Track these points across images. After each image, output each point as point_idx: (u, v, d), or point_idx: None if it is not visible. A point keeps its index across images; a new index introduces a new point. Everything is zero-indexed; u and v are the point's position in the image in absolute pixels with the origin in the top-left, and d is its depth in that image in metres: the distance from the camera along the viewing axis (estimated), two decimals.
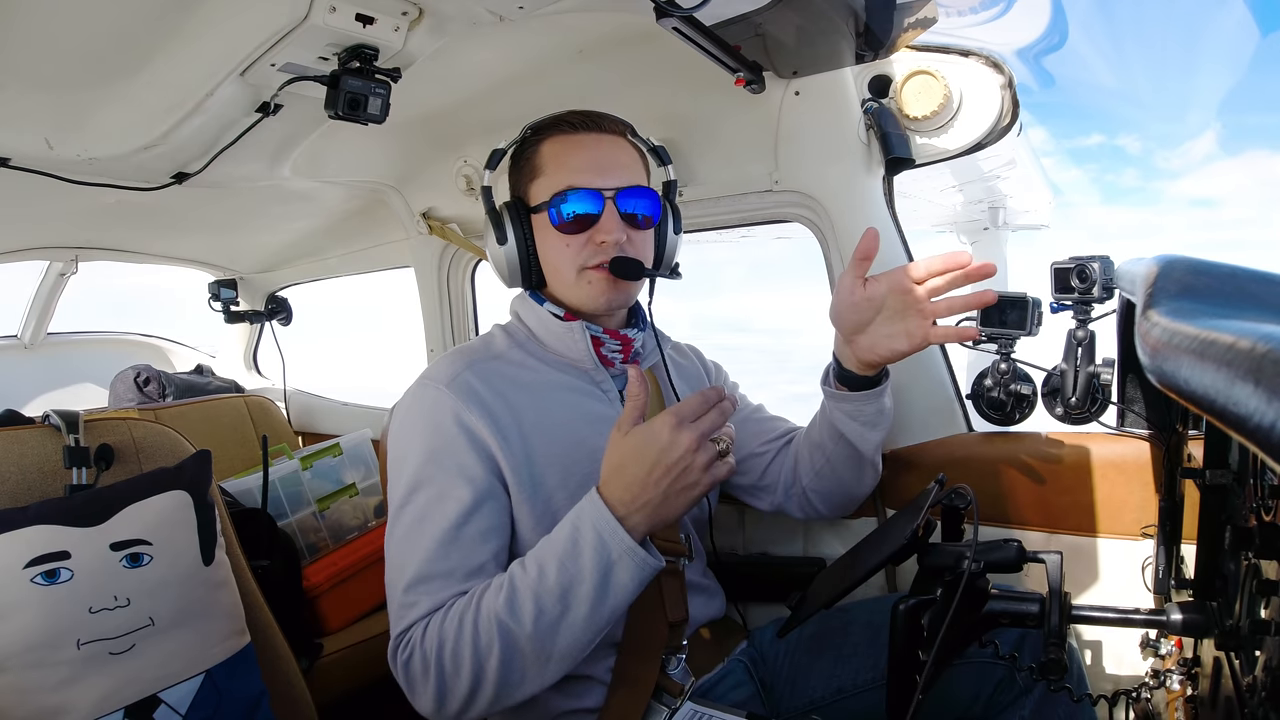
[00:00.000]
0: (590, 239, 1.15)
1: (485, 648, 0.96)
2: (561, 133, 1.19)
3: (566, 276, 1.18)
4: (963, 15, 1.49)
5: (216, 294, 3.06)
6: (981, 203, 5.95)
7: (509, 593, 0.97)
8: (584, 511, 0.97)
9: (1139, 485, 1.37)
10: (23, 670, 0.99)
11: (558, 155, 1.18)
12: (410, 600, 1.04)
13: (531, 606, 0.95)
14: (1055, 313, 1.39)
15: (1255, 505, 0.73)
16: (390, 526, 1.11)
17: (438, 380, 1.13)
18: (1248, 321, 0.37)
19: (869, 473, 1.36)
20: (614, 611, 0.97)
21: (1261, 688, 0.65)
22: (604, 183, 1.15)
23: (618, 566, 0.94)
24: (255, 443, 2.61)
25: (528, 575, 0.97)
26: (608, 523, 0.94)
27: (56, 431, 1.17)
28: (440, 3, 1.21)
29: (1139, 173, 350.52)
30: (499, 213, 1.21)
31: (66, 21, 1.22)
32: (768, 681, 1.31)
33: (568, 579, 0.95)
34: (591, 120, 1.19)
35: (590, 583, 0.94)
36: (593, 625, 0.96)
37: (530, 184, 1.20)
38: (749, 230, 5.15)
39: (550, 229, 1.16)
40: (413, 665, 1.01)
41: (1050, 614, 0.87)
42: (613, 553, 0.94)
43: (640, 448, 0.94)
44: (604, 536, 0.94)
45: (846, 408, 1.26)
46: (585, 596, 0.94)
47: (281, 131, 1.63)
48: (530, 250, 1.20)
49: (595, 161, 1.17)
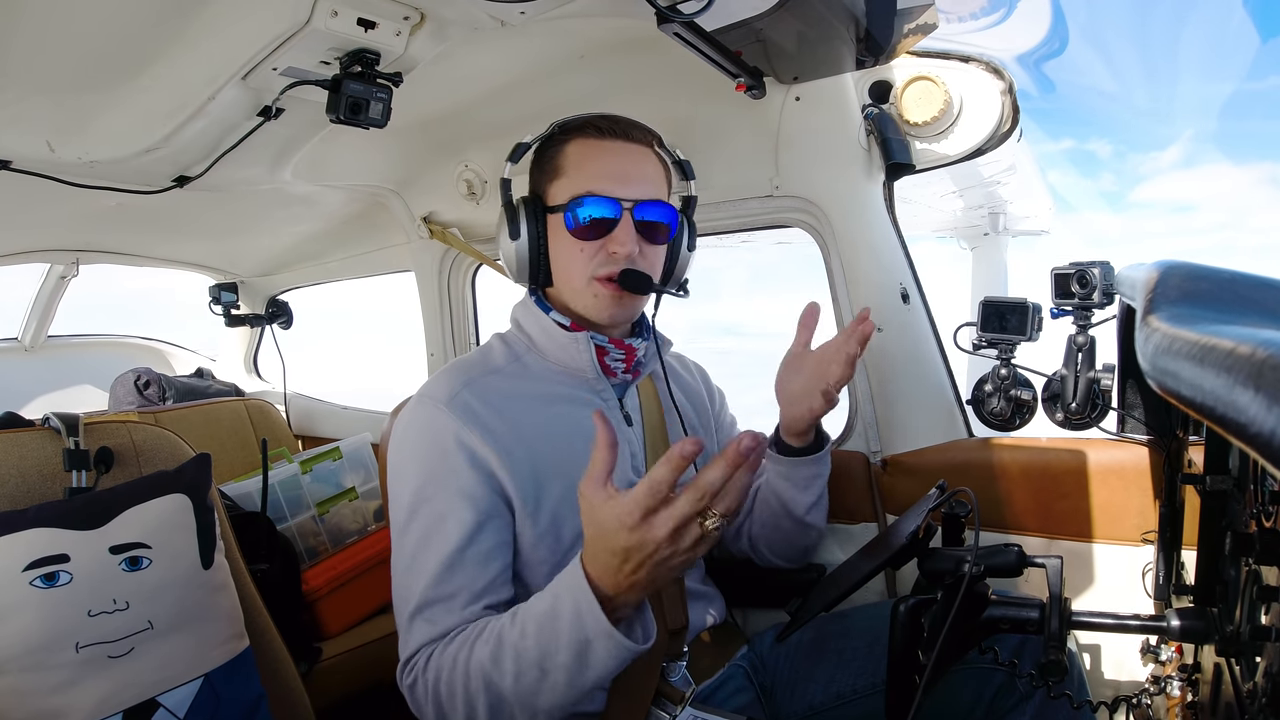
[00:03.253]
0: (603, 247, 1.14)
1: (475, 693, 0.95)
2: (588, 136, 1.17)
3: (576, 283, 1.17)
4: (963, 21, 1.50)
5: (217, 297, 3.07)
6: (981, 208, 5.95)
7: (495, 646, 0.94)
8: (564, 582, 0.89)
9: (1139, 491, 1.37)
10: (21, 673, 0.98)
11: (581, 158, 1.16)
12: (415, 626, 1.04)
13: (512, 665, 0.91)
14: (1055, 318, 1.39)
15: (1255, 511, 0.73)
16: (395, 547, 1.10)
17: (436, 399, 1.12)
18: (1248, 327, 0.37)
19: (811, 531, 1.39)
20: (596, 683, 0.90)
21: (1262, 694, 0.65)
22: (624, 192, 1.14)
23: (594, 644, 0.87)
24: (255, 446, 2.61)
25: (512, 632, 0.93)
26: (587, 601, 0.85)
27: (56, 434, 1.17)
28: (442, 7, 1.21)
29: (1114, 178, 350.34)
30: (515, 207, 1.19)
31: (68, 25, 1.22)
32: (767, 687, 1.31)
33: (545, 646, 0.89)
34: (620, 127, 1.17)
35: (567, 654, 0.88)
36: (573, 693, 0.90)
37: (550, 183, 1.18)
38: (749, 235, 5.15)
39: (565, 232, 1.15)
40: (417, 691, 1.03)
41: (1050, 619, 0.87)
42: (589, 631, 0.86)
43: (611, 534, 0.81)
44: (581, 613, 0.86)
45: (781, 469, 1.33)
46: (563, 666, 0.88)
47: (283, 135, 1.63)
48: (542, 249, 1.18)
49: (618, 170, 1.15)
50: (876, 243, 1.58)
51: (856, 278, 1.60)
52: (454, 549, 1.05)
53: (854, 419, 1.70)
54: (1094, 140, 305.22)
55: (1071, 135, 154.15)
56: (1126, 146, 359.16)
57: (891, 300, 1.58)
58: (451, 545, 1.05)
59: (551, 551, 1.12)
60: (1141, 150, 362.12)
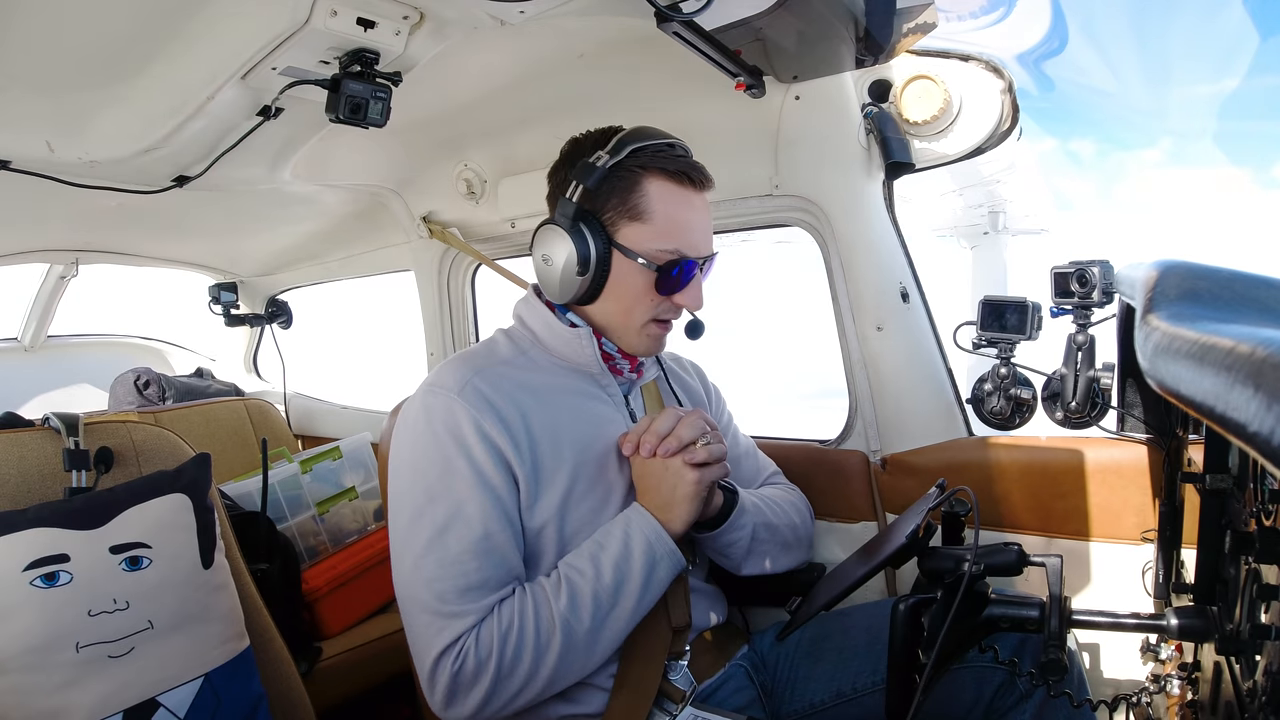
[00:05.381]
0: (673, 300, 1.18)
1: (545, 644, 1.04)
2: (675, 181, 1.15)
3: (633, 321, 1.19)
4: (963, 20, 1.50)
5: (217, 297, 3.07)
6: (981, 207, 5.96)
7: (569, 592, 1.07)
8: (633, 524, 1.12)
9: (1139, 490, 1.37)
10: (21, 673, 0.99)
11: (670, 209, 1.15)
12: (457, 611, 1.04)
13: (590, 603, 1.07)
14: (1055, 317, 1.39)
15: (1255, 510, 0.73)
16: (404, 537, 1.10)
17: (447, 388, 1.12)
18: (1247, 326, 0.37)
19: (780, 563, 1.36)
20: (650, 604, 1.12)
21: (1262, 692, 0.65)
22: (704, 252, 1.19)
23: (659, 565, 1.11)
24: (255, 446, 2.61)
25: (585, 576, 1.08)
26: (654, 530, 1.11)
27: (56, 434, 1.17)
28: (441, 7, 1.21)
29: (1098, 178, 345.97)
30: (584, 234, 1.14)
31: (67, 25, 1.22)
32: (768, 686, 1.31)
33: (620, 577, 1.09)
34: (702, 177, 1.19)
35: (638, 580, 1.09)
36: (635, 617, 1.11)
37: (628, 222, 1.14)
38: (749, 235, 5.16)
39: (638, 278, 1.15)
40: (464, 673, 1.03)
41: (1050, 618, 0.87)
42: (657, 553, 1.11)
43: (647, 474, 1.14)
44: (651, 543, 1.10)
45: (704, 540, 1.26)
46: (632, 592, 1.09)
47: (282, 135, 1.63)
48: (601, 280, 1.16)
49: (704, 230, 1.19)
50: (876, 242, 1.58)
51: (856, 277, 1.60)
52: (480, 535, 1.06)
53: (853, 418, 1.70)
54: (1075, 139, 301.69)
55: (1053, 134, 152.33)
56: (1110, 145, 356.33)
57: (891, 299, 1.58)
58: (476, 532, 1.06)
59: (558, 532, 1.13)
60: (1125, 149, 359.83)
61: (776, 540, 1.32)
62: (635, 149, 1.15)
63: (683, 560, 1.14)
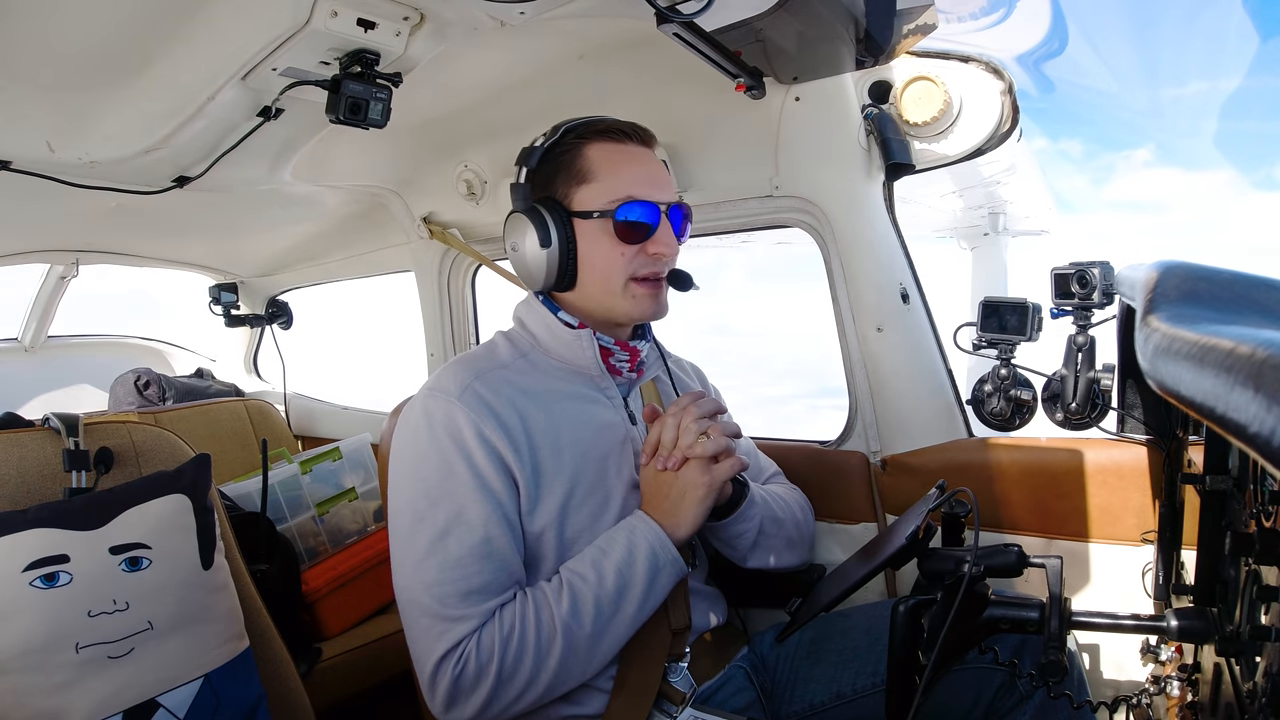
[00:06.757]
0: (643, 250, 1.17)
1: (546, 648, 1.05)
2: (611, 140, 1.18)
3: (613, 285, 1.17)
4: (963, 21, 1.50)
5: (217, 298, 3.07)
6: (981, 208, 5.96)
7: (571, 597, 1.07)
8: (637, 531, 1.12)
9: (1139, 491, 1.37)
10: (21, 673, 0.99)
11: (611, 163, 1.16)
12: (458, 615, 1.04)
13: (592, 608, 1.07)
14: (1055, 318, 1.39)
15: (1255, 511, 0.73)
16: (404, 541, 1.09)
17: (447, 392, 1.12)
18: (1248, 327, 0.37)
19: (785, 557, 1.36)
20: (651, 610, 1.13)
21: (1262, 694, 0.65)
22: (659, 196, 1.17)
23: (662, 572, 1.11)
24: (255, 446, 2.61)
25: (587, 581, 1.08)
26: (659, 538, 1.11)
27: (56, 434, 1.17)
28: (441, 8, 1.21)
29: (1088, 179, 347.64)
30: (540, 213, 1.16)
31: (68, 25, 1.22)
32: (768, 687, 1.31)
33: (622, 583, 1.09)
34: (639, 132, 1.20)
35: (640, 586, 1.10)
36: (636, 623, 1.11)
37: (576, 188, 1.17)
38: (749, 235, 5.16)
39: (602, 236, 1.15)
40: (465, 677, 1.03)
41: (1050, 619, 0.87)
42: (660, 561, 1.11)
43: (653, 481, 1.15)
44: (655, 550, 1.11)
45: (713, 529, 1.27)
46: (635, 598, 1.09)
47: (282, 136, 1.63)
48: (571, 254, 1.17)
49: (649, 175, 1.18)
50: (876, 243, 1.58)
51: (856, 278, 1.60)
52: (480, 539, 1.06)
53: (854, 419, 1.70)
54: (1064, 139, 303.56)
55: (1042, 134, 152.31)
56: (1098, 145, 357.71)
57: (891, 300, 1.58)
58: (477, 536, 1.06)
59: (558, 536, 1.13)
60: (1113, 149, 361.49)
61: (781, 535, 1.32)
62: (570, 126, 1.20)
63: (685, 567, 1.14)
